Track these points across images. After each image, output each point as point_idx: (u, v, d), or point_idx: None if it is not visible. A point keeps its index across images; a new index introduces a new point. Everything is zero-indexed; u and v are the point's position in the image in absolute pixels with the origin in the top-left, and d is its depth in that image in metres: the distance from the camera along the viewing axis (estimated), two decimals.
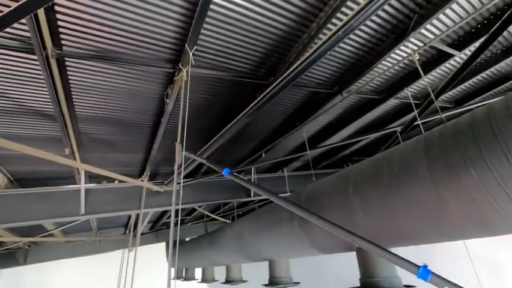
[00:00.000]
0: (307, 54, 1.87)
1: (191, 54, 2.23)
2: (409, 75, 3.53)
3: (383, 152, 2.33)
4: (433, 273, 1.33)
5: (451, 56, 3.10)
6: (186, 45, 2.22)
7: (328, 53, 1.83)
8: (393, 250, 1.82)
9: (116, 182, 4.60)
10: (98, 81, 2.65)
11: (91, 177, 4.50)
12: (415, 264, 1.39)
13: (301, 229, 3.14)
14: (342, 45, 2.78)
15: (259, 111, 2.47)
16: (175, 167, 2.88)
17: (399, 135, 3.86)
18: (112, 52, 2.34)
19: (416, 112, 3.53)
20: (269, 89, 2.22)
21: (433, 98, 3.03)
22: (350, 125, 4.35)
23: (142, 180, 4.40)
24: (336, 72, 3.18)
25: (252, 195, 5.33)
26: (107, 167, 3.69)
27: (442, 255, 9.09)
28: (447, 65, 3.37)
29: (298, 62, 1.95)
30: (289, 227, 3.37)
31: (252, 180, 5.40)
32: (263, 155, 4.62)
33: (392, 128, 4.32)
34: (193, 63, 2.31)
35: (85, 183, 4.19)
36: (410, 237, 2.14)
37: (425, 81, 3.42)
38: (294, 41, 2.58)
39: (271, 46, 2.60)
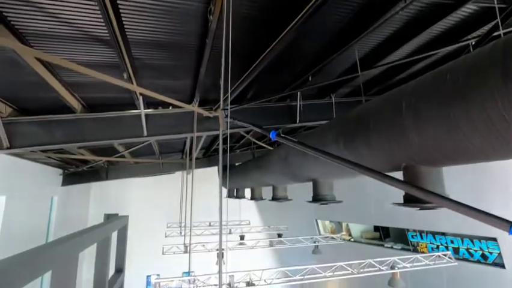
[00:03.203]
0: None
1: None
2: None
3: (448, 63, 2.06)
4: None
5: None
6: None
7: None
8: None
9: (170, 108, 4.97)
10: (145, 1, 2.65)
11: (148, 104, 4.89)
12: (507, 220, 1.22)
13: (347, 150, 3.16)
14: None
15: (307, 25, 2.28)
16: (221, 99, 2.97)
17: (471, 50, 3.32)
18: None
19: (499, 19, 2.92)
20: None
21: None
22: (411, 41, 3.82)
23: (193, 106, 4.66)
24: None
25: (297, 122, 5.35)
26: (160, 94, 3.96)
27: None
28: None
29: None
30: (335, 149, 3.41)
31: (298, 107, 5.35)
32: (310, 78, 4.43)
33: (464, 41, 3.68)
34: None
35: (144, 109, 4.64)
36: (469, 155, 2.01)
37: None
38: None
39: None
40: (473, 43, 3.61)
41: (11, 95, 4.19)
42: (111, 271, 9.95)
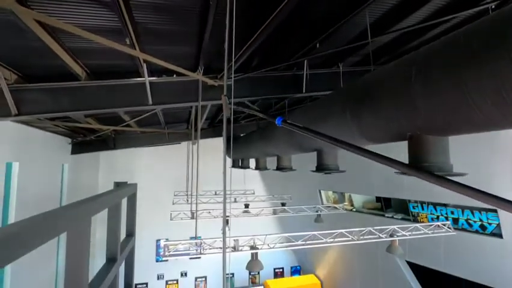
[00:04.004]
0: None
1: None
2: None
3: (463, 28, 1.96)
4: None
5: None
6: None
7: None
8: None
9: (174, 76, 4.91)
10: None
11: (152, 72, 4.83)
12: None
13: (353, 119, 3.14)
14: None
15: None
16: (225, 66, 2.90)
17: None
18: None
19: None
20: None
21: None
22: (426, 5, 3.60)
23: (197, 74, 4.59)
24: None
25: (303, 91, 5.26)
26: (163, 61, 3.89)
27: None
28: None
29: None
30: (340, 119, 3.38)
31: (304, 76, 5.24)
32: (317, 45, 4.28)
33: (484, 4, 3.46)
34: None
35: (148, 77, 4.59)
36: (478, 123, 1.97)
37: None
38: None
39: None
40: (493, 7, 3.40)
41: (15, 62, 4.16)
42: (122, 235, 10.57)
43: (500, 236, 6.71)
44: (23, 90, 4.25)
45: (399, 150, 2.77)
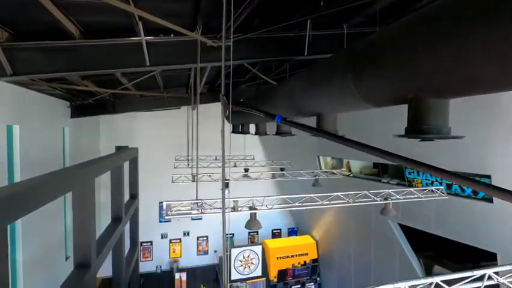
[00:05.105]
0: None
1: None
2: None
3: None
4: None
5: None
6: None
7: None
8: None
9: (171, 36, 4.73)
10: None
11: (149, 31, 4.64)
12: None
13: (354, 82, 3.08)
14: None
15: None
16: (223, 23, 2.76)
17: None
18: None
19: None
20: None
21: None
22: None
23: (195, 34, 4.41)
24: None
25: (305, 54, 5.10)
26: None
27: None
28: None
29: None
30: (342, 82, 3.32)
31: (307, 37, 5.04)
32: (321, 3, 4.06)
33: None
34: None
35: (144, 37, 4.42)
36: (484, 84, 1.93)
37: None
38: None
39: None
40: None
41: (4, 18, 3.98)
42: (126, 198, 10.93)
43: (490, 200, 6.95)
44: (17, 49, 4.12)
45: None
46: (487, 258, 7.37)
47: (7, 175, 6.53)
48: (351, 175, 12.36)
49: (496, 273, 4.05)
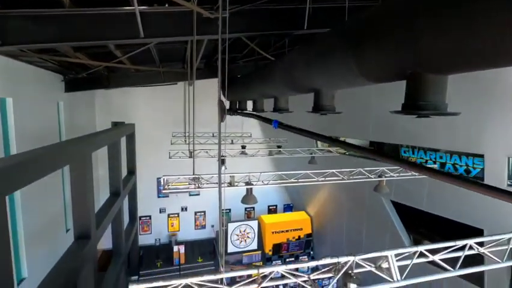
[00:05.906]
0: None
1: None
2: None
3: None
4: None
5: None
6: None
7: None
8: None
9: (166, 5, 4.54)
10: None
11: (142, 0, 4.45)
12: None
13: (354, 57, 3.03)
14: None
15: None
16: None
17: None
18: None
19: None
20: None
21: None
22: None
23: (191, 4, 4.24)
24: None
25: (305, 27, 4.95)
26: None
27: None
28: None
29: None
30: (341, 57, 3.26)
31: (307, 10, 4.87)
32: None
33: None
34: None
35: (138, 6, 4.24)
36: (485, 58, 1.90)
37: None
38: None
39: None
40: None
41: None
42: (124, 173, 11.02)
43: (482, 179, 7.12)
44: (5, 17, 3.94)
45: None
46: (475, 235, 7.67)
47: (3, 148, 6.51)
48: (347, 153, 12.49)
49: (480, 244, 4.25)
